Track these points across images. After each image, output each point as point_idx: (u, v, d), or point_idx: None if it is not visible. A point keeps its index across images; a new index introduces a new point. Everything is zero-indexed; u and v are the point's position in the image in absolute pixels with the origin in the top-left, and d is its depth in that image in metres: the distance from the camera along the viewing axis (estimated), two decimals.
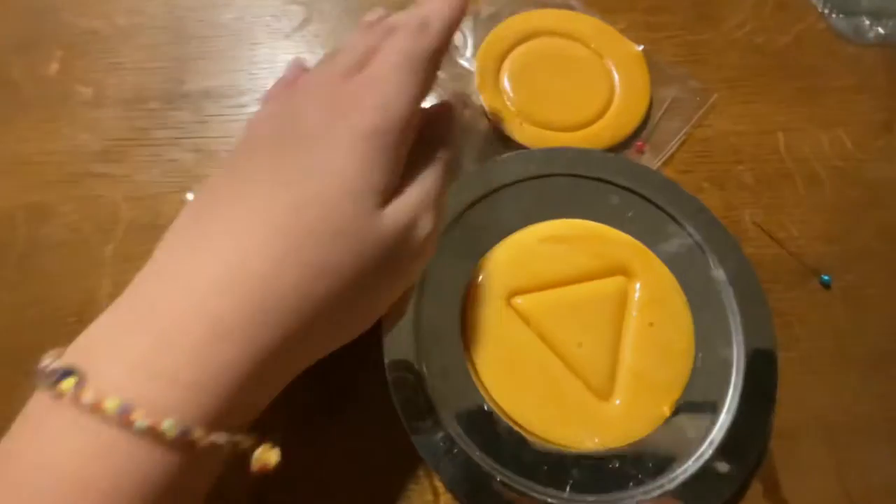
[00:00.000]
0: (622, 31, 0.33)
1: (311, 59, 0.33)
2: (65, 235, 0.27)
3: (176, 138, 0.29)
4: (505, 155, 0.28)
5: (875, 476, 0.24)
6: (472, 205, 0.26)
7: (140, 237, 0.27)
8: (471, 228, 0.26)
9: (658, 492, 0.22)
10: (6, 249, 0.26)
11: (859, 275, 0.28)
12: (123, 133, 0.29)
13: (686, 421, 0.23)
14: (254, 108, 0.30)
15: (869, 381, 0.26)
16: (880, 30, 0.35)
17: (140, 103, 0.30)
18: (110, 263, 0.26)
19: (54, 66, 0.31)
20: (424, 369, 0.23)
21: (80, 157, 0.29)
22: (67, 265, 0.26)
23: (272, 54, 0.32)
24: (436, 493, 0.23)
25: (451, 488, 0.21)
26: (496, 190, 0.27)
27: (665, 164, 0.30)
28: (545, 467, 0.22)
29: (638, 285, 0.25)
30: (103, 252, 0.26)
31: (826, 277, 0.27)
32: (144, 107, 0.30)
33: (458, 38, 0.32)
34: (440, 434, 0.22)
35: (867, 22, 0.35)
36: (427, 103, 0.21)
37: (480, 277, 0.25)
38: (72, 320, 0.25)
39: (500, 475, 0.21)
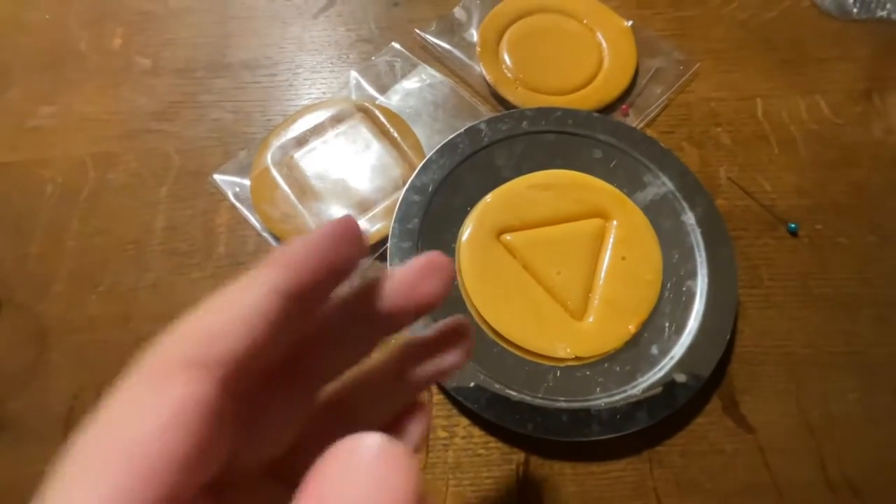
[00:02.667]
0: (614, 9, 0.36)
1: (332, 37, 0.37)
2: (126, 179, 0.32)
3: (218, 101, 0.34)
4: (499, 113, 0.31)
5: (834, 404, 0.27)
6: (469, 156, 0.30)
7: (188, 181, 0.32)
8: (467, 176, 0.29)
9: (621, 396, 0.25)
10: (79, 189, 0.32)
11: (828, 225, 0.30)
12: (175, 97, 0.34)
13: (651, 340, 0.26)
14: (283, 77, 0.35)
15: (834, 319, 0.28)
16: (864, 6, 0.37)
17: (189, 73, 0.35)
18: (164, 202, 0.31)
19: (117, 41, 0.36)
20: None
21: (139, 116, 0.34)
22: (128, 203, 0.31)
23: (300, 32, 0.37)
24: (430, 392, 0.27)
25: (441, 385, 0.25)
26: (491, 144, 0.30)
27: (647, 125, 0.33)
28: (523, 373, 0.25)
29: (614, 225, 0.28)
30: (158, 193, 0.31)
31: (793, 226, 0.30)
32: (192, 75, 0.35)
33: (462, 15, 0.36)
34: None
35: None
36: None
37: (474, 217, 0.29)
38: (130, 247, 0.30)
39: (483, 375, 0.25)
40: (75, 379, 0.27)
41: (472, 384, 0.25)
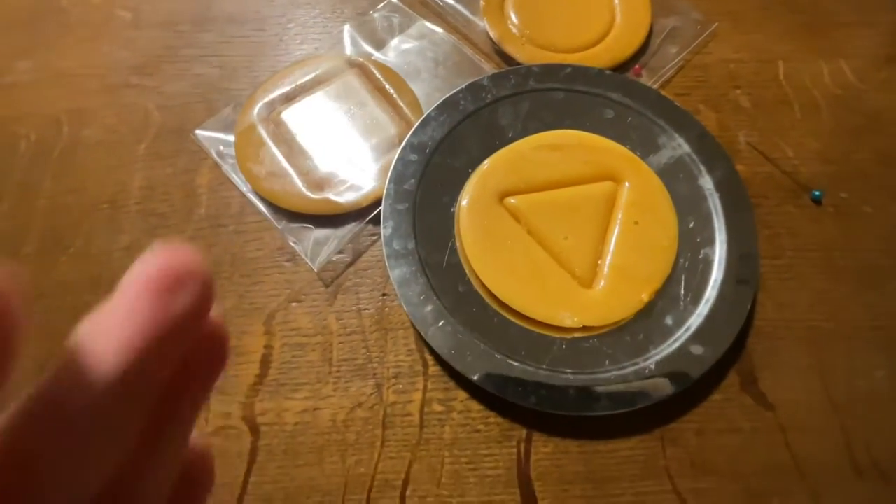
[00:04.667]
0: None
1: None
2: (102, 136, 0.30)
3: (203, 56, 0.32)
4: (504, 69, 0.29)
5: (860, 382, 0.25)
6: (471, 114, 0.28)
7: (169, 139, 0.29)
8: (469, 136, 0.27)
9: (632, 369, 0.23)
10: (51, 146, 0.29)
11: (854, 193, 0.28)
12: (157, 51, 0.32)
13: (665, 310, 0.24)
14: (272, 32, 0.33)
15: (858, 291, 0.26)
16: None
17: (172, 26, 0.33)
18: (142, 160, 0.29)
19: None
20: (421, 254, 0.25)
21: (118, 71, 0.32)
22: (104, 161, 0.29)
23: None
24: (425, 365, 0.25)
25: (437, 352, 0.23)
26: (495, 101, 0.28)
27: (661, 87, 0.31)
28: (527, 343, 0.23)
29: (626, 188, 0.26)
30: (136, 150, 0.29)
31: (817, 193, 0.28)
32: (176, 28, 0.33)
33: None
34: (430, 308, 0.24)
35: None
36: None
37: (476, 179, 0.27)
38: (105, 206, 0.28)
39: (483, 344, 0.23)
40: (42, 346, 0.25)
41: (470, 354, 0.23)
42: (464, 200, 0.26)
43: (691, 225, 0.26)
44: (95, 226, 0.28)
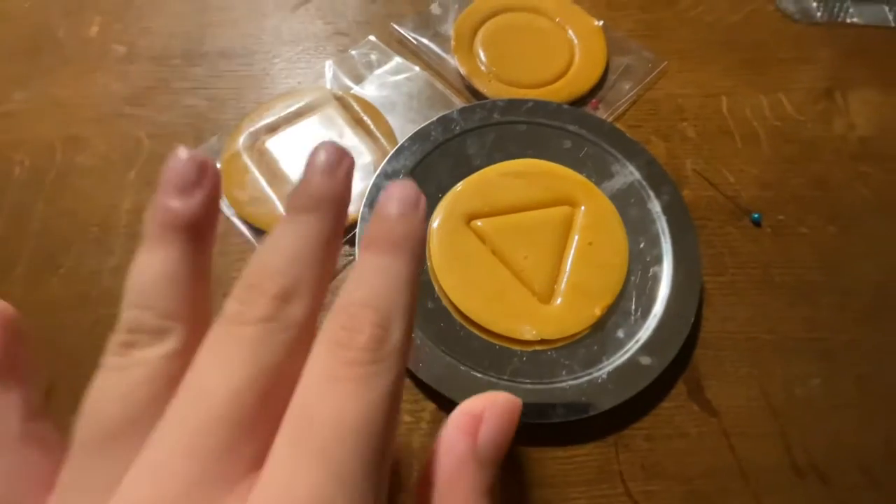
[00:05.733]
0: (586, 10, 0.37)
1: (310, 29, 0.38)
2: (95, 162, 0.31)
3: (193, 88, 0.34)
4: (471, 103, 0.32)
5: (798, 389, 0.27)
6: (441, 144, 0.30)
7: (158, 166, 0.31)
8: (439, 164, 0.30)
9: (587, 378, 0.25)
10: (46, 171, 0.31)
11: (791, 216, 0.31)
12: (149, 83, 0.34)
13: (617, 323, 0.26)
14: (259, 67, 0.35)
15: (795, 306, 0.29)
16: (827, 9, 0.38)
17: (165, 60, 0.35)
18: (132, 185, 0.31)
19: (94, 29, 0.36)
20: None
21: (112, 101, 0.34)
22: (96, 185, 0.31)
23: (278, 23, 0.37)
24: None
25: (408, 368, 0.25)
26: (463, 133, 0.31)
27: (616, 119, 0.34)
28: (490, 355, 0.25)
29: (581, 212, 0.29)
30: (127, 176, 0.31)
31: (756, 216, 0.30)
32: (168, 63, 0.35)
33: (438, 11, 0.36)
34: None
35: (814, 3, 0.39)
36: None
37: (446, 203, 0.29)
38: (95, 229, 0.30)
39: (449, 357, 0.25)
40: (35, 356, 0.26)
41: (438, 367, 0.25)
42: (434, 223, 0.28)
43: (641, 245, 0.28)
44: (85, 247, 0.29)
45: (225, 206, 0.30)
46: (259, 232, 0.29)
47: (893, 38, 0.38)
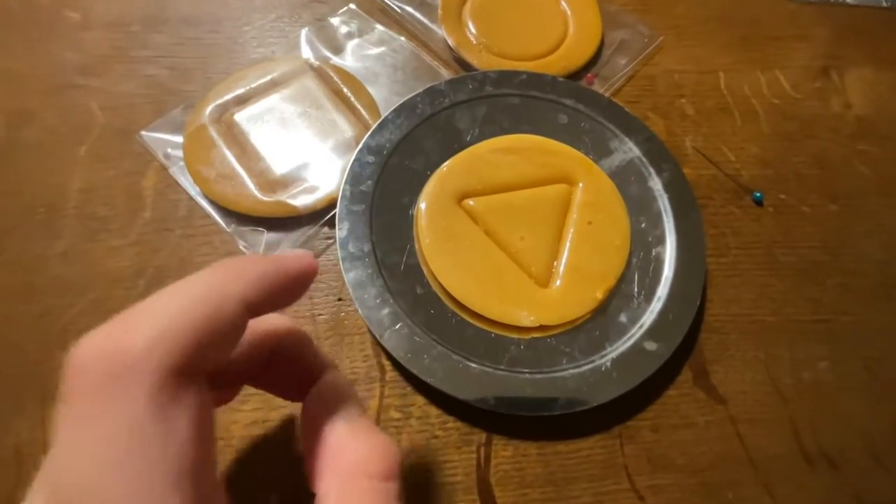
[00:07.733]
0: None
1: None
2: (42, 137, 0.28)
3: (154, 56, 0.31)
4: (461, 74, 0.29)
5: (805, 373, 0.26)
6: (429, 117, 0.28)
7: (112, 140, 0.28)
8: (427, 139, 0.27)
9: (589, 367, 0.23)
10: None
11: (792, 194, 0.30)
12: (105, 51, 0.31)
13: (619, 307, 0.24)
14: (227, 35, 0.32)
15: (800, 287, 0.28)
16: None
17: (123, 26, 0.32)
18: (82, 162, 0.28)
19: None
20: (378, 256, 0.24)
21: (64, 71, 0.30)
22: (42, 163, 0.27)
23: None
24: (382, 370, 0.24)
25: (394, 356, 0.23)
26: (452, 105, 0.28)
27: (612, 95, 0.32)
28: (484, 344, 0.23)
29: (580, 189, 0.27)
30: (77, 152, 0.28)
31: (758, 195, 0.29)
32: (126, 29, 0.32)
33: None
34: (386, 310, 0.23)
35: None
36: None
37: (435, 181, 0.27)
38: (42, 211, 0.26)
39: (441, 346, 0.23)
40: None
41: (427, 357, 0.23)
42: (423, 202, 0.26)
43: (643, 225, 0.26)
44: (30, 230, 0.26)
45: (189, 184, 0.27)
46: (227, 212, 0.26)
47: (886, 19, 0.37)
